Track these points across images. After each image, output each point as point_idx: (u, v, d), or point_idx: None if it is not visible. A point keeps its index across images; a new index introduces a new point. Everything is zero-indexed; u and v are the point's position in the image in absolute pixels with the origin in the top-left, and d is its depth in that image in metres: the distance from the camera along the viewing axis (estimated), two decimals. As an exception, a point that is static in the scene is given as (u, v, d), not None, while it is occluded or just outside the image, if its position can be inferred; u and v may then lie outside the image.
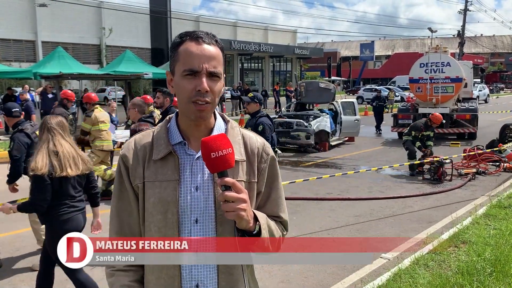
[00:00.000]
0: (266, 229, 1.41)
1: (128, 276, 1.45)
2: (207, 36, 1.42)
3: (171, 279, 1.40)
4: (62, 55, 17.29)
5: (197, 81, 1.37)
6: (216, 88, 1.40)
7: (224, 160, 1.29)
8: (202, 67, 1.37)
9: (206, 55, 1.38)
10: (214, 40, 1.43)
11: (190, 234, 1.39)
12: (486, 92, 37.09)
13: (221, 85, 1.43)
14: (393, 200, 7.54)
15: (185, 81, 1.39)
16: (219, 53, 1.42)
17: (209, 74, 1.38)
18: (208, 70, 1.38)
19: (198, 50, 1.38)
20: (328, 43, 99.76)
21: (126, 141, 1.54)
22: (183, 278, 1.40)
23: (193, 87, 1.37)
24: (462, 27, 44.80)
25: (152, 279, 1.43)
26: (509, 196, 7.25)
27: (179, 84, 1.41)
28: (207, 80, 1.37)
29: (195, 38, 1.40)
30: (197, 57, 1.38)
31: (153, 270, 1.43)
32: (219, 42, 1.45)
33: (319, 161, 11.48)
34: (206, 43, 1.40)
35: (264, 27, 53.64)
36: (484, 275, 4.17)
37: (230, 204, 1.29)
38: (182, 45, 1.41)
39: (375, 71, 72.69)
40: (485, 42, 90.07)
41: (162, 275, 1.41)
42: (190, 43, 1.40)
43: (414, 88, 15.62)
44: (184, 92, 1.39)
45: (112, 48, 38.82)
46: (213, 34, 1.44)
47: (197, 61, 1.37)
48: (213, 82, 1.39)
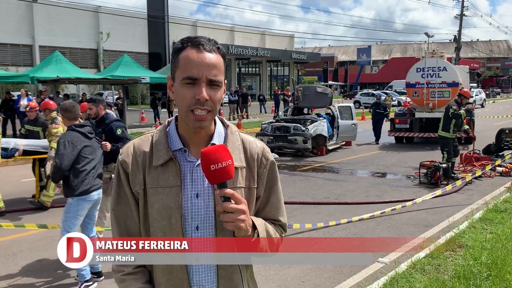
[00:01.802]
0: (265, 236, 1.42)
1: (138, 279, 1.44)
2: (208, 43, 1.40)
3: (181, 281, 1.41)
4: (60, 59, 17.26)
5: (196, 89, 1.36)
6: (216, 97, 1.39)
7: (224, 172, 1.28)
8: (202, 75, 1.36)
9: (207, 63, 1.37)
10: (215, 47, 1.41)
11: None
12: (482, 97, 37.31)
13: (221, 93, 1.41)
14: (390, 204, 7.56)
15: (184, 89, 1.38)
16: (220, 61, 1.41)
17: (209, 82, 1.37)
18: (208, 78, 1.36)
19: (198, 58, 1.37)
20: (325, 47, 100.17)
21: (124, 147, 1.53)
22: (191, 280, 1.42)
23: (192, 95, 1.36)
24: (459, 32, 45.05)
25: (163, 281, 1.43)
26: (506, 201, 7.27)
27: (179, 91, 1.40)
28: (206, 89, 1.36)
29: (196, 45, 1.38)
30: (197, 65, 1.36)
31: (164, 272, 1.43)
32: (221, 49, 1.43)
33: (317, 165, 11.50)
34: (207, 50, 1.38)
35: (261, 31, 53.81)
36: (480, 279, 4.18)
37: (229, 214, 1.29)
38: (183, 51, 1.39)
39: (372, 75, 72.95)
40: (481, 47, 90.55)
41: (172, 277, 1.42)
42: (191, 50, 1.38)
43: (411, 93, 15.68)
44: (184, 100, 1.38)
45: (109, 52, 38.83)
46: (215, 41, 1.43)
47: (196, 69, 1.36)
48: (213, 90, 1.38)
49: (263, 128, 13.31)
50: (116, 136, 5.18)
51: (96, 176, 4.46)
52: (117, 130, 5.20)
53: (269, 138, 12.74)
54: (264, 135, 12.82)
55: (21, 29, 34.25)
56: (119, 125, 5.31)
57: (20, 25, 34.18)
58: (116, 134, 5.19)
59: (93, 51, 38.67)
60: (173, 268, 1.41)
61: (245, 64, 48.56)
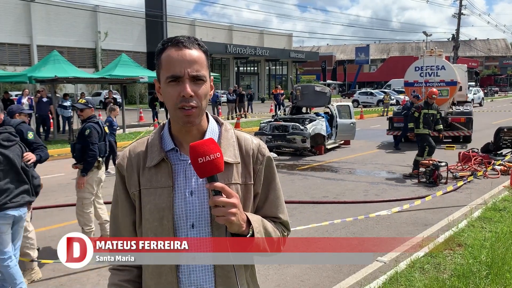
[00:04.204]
0: (261, 232, 1.40)
1: (119, 276, 1.48)
2: (188, 40, 1.41)
3: (170, 284, 1.41)
4: (57, 59, 17.20)
5: (180, 86, 1.37)
6: (200, 92, 1.39)
7: (212, 165, 1.28)
8: (184, 72, 1.36)
9: (187, 59, 1.37)
10: (196, 43, 1.42)
11: None
12: (480, 96, 37.35)
13: (206, 88, 1.42)
14: (389, 203, 7.56)
15: (169, 88, 1.39)
16: (202, 56, 1.41)
17: (192, 78, 1.37)
18: (190, 74, 1.37)
19: (179, 55, 1.38)
20: (323, 46, 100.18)
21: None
22: (182, 283, 1.41)
23: (177, 93, 1.37)
24: (457, 31, 45.13)
25: (152, 285, 1.44)
26: (504, 199, 7.28)
27: (165, 91, 1.41)
28: (190, 85, 1.37)
29: (175, 43, 1.40)
30: (178, 62, 1.37)
31: (152, 275, 1.43)
32: (202, 45, 1.43)
33: (315, 164, 11.50)
34: (187, 47, 1.39)
35: (259, 31, 53.79)
36: (479, 277, 4.18)
37: (220, 208, 1.28)
38: (164, 52, 1.41)
39: (370, 74, 73.00)
40: (480, 46, 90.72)
41: (161, 280, 1.42)
42: (171, 49, 1.39)
43: (409, 92, 15.69)
44: (170, 99, 1.39)
45: (107, 52, 38.79)
46: (195, 38, 1.43)
47: (178, 67, 1.37)
48: (197, 86, 1.39)
49: (262, 128, 13.30)
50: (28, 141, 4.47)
51: (17, 192, 3.77)
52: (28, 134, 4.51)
53: (267, 137, 12.74)
54: (262, 134, 12.82)
55: (18, 29, 34.18)
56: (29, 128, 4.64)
57: (17, 25, 34.11)
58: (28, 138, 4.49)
59: (91, 51, 38.61)
60: (162, 271, 1.41)
61: (244, 63, 48.55)
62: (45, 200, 7.69)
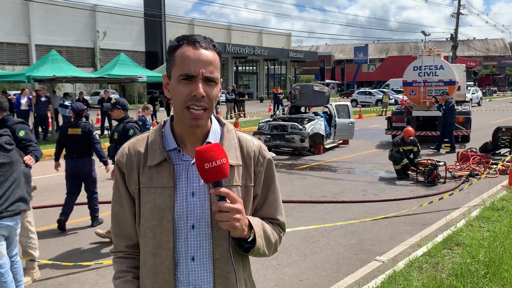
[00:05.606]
0: (262, 236, 1.41)
1: (126, 263, 1.50)
2: (204, 40, 1.40)
3: (167, 284, 1.41)
4: (56, 58, 17.15)
5: (192, 86, 1.36)
6: (212, 94, 1.38)
7: (218, 171, 1.27)
8: (199, 72, 1.35)
9: (203, 60, 1.37)
10: (211, 44, 1.41)
11: (186, 239, 1.40)
12: (479, 95, 37.39)
13: (217, 91, 1.41)
14: (388, 202, 7.57)
15: (180, 86, 1.37)
16: (216, 58, 1.41)
17: (206, 79, 1.37)
18: (204, 75, 1.36)
19: (195, 55, 1.37)
20: (322, 46, 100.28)
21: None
22: (181, 282, 1.41)
23: (188, 92, 1.36)
24: (455, 30, 45.15)
25: (148, 283, 1.44)
26: (502, 198, 7.30)
27: (175, 88, 1.39)
28: (203, 85, 1.36)
29: (192, 42, 1.38)
30: (194, 62, 1.36)
31: (149, 274, 1.43)
32: (217, 46, 1.43)
33: (314, 164, 11.50)
34: (203, 47, 1.38)
35: (258, 30, 53.79)
36: (478, 277, 4.19)
37: (225, 214, 1.28)
38: (179, 49, 1.39)
39: (369, 74, 73.06)
40: (478, 46, 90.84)
41: (158, 279, 1.42)
42: (187, 47, 1.38)
43: (407, 91, 15.70)
44: (180, 97, 1.37)
45: (106, 51, 38.76)
46: (210, 39, 1.43)
47: (193, 66, 1.36)
48: (210, 87, 1.38)
49: (261, 127, 13.31)
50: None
51: (12, 200, 3.60)
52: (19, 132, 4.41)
53: (266, 137, 12.75)
54: (261, 134, 12.82)
55: (17, 28, 34.14)
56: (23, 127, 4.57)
57: (16, 24, 34.07)
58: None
59: (89, 50, 38.59)
60: (159, 270, 1.41)
61: (242, 63, 48.55)
62: (42, 200, 7.69)
